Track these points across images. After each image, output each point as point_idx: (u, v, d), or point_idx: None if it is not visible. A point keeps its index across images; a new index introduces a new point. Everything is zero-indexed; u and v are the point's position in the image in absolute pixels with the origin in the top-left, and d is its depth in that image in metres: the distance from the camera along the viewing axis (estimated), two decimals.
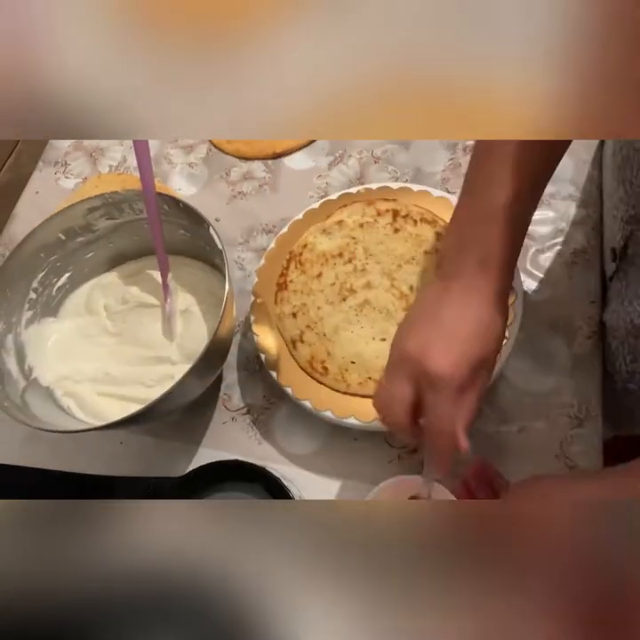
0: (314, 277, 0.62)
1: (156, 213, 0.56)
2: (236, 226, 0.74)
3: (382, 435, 0.61)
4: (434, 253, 0.61)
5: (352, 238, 0.63)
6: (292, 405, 0.63)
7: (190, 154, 0.80)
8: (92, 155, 0.82)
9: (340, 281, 0.62)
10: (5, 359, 0.57)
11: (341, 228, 0.64)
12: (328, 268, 0.63)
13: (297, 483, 0.59)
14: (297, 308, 0.61)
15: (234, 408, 0.64)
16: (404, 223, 0.64)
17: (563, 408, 0.60)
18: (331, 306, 0.61)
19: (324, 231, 0.64)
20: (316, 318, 0.60)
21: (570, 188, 0.70)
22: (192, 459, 0.62)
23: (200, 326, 0.62)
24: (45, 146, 0.84)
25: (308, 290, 0.62)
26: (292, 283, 0.63)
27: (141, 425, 0.63)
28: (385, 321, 0.59)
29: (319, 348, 0.59)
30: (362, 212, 0.65)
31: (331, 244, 0.64)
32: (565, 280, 0.65)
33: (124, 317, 0.64)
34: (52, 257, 0.61)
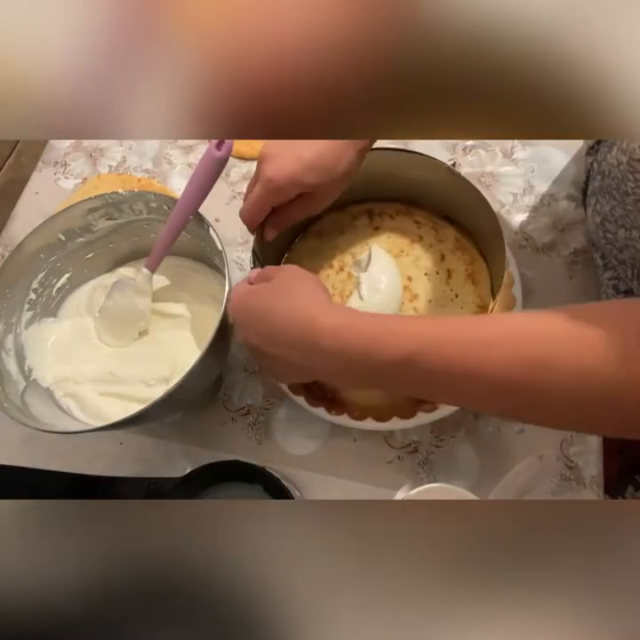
0: None
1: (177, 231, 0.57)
2: (236, 226, 0.73)
3: (382, 435, 0.61)
4: (420, 241, 0.61)
5: (336, 247, 0.63)
6: (291, 406, 0.63)
7: (190, 154, 0.80)
8: (92, 155, 0.82)
9: (339, 290, 0.61)
10: (5, 360, 0.57)
11: (322, 241, 0.63)
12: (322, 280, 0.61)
13: (297, 483, 0.59)
14: None
15: (234, 408, 0.64)
16: (381, 220, 0.63)
17: None
18: None
19: (304, 247, 0.63)
20: None
21: (570, 188, 0.70)
22: (192, 459, 0.62)
23: (200, 327, 0.62)
24: (45, 146, 0.84)
25: None
26: None
27: (141, 425, 0.63)
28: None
29: None
30: (335, 219, 0.64)
31: (316, 259, 0.63)
32: (565, 280, 0.65)
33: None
34: (52, 257, 0.61)
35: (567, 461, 0.58)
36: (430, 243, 0.62)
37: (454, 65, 0.32)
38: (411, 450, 0.60)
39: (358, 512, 0.33)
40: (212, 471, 0.55)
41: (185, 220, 0.56)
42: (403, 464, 0.60)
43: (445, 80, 0.33)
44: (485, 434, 0.60)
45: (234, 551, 0.31)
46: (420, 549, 0.30)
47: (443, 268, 0.60)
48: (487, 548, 0.30)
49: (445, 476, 0.59)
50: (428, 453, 0.60)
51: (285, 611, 0.29)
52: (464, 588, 0.29)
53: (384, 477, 0.59)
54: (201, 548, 0.31)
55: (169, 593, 0.30)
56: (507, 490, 0.54)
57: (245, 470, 0.55)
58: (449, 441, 0.60)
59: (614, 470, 0.88)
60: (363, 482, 0.59)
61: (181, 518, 0.32)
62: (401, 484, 0.59)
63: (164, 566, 0.30)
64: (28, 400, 0.56)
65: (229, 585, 0.30)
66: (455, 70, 0.32)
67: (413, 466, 0.60)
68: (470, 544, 0.31)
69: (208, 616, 0.29)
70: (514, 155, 0.73)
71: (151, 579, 0.30)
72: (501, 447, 0.59)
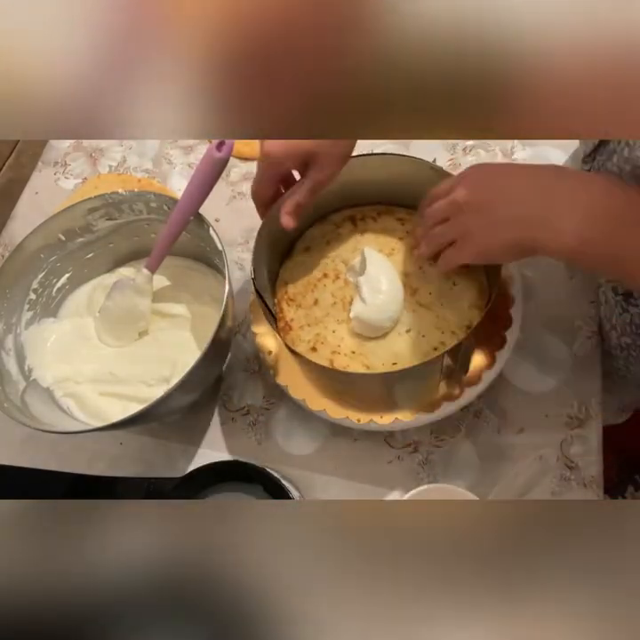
0: (312, 306, 0.60)
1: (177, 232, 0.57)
2: (235, 226, 0.74)
3: (382, 435, 0.61)
4: (407, 237, 0.61)
5: (326, 257, 0.62)
6: (291, 406, 0.63)
7: (190, 154, 0.80)
8: (92, 155, 0.82)
9: (339, 297, 0.60)
10: (5, 360, 0.57)
11: (311, 254, 0.63)
12: (320, 291, 0.60)
13: (297, 483, 0.59)
14: (313, 341, 0.58)
15: (234, 409, 0.64)
16: (365, 224, 0.63)
17: (563, 408, 0.60)
18: (344, 324, 0.59)
19: (295, 264, 0.63)
20: (338, 341, 0.58)
21: None
22: (192, 459, 0.62)
23: (200, 327, 0.62)
24: (45, 146, 0.84)
25: (313, 320, 0.59)
26: (294, 321, 0.60)
27: (141, 425, 0.63)
28: (400, 313, 0.58)
29: (357, 367, 0.56)
30: (320, 231, 0.64)
31: (309, 271, 0.62)
32: (565, 280, 0.65)
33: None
34: (52, 257, 0.61)
35: (567, 461, 0.58)
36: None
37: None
38: (411, 450, 0.60)
39: (358, 512, 0.33)
40: (212, 471, 0.55)
41: (185, 221, 0.56)
42: (403, 464, 0.60)
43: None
44: (485, 434, 0.60)
45: (234, 551, 0.31)
46: (421, 549, 0.30)
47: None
48: (487, 548, 0.30)
49: (445, 476, 0.59)
50: (428, 453, 0.60)
51: (285, 611, 0.29)
52: (464, 588, 0.29)
53: (384, 477, 0.59)
54: (201, 547, 0.31)
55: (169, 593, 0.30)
56: (507, 490, 0.54)
57: (245, 470, 0.55)
58: (449, 441, 0.60)
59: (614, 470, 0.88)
60: (363, 482, 0.59)
61: (181, 518, 0.32)
62: (401, 483, 0.59)
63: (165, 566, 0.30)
64: (28, 400, 0.56)
65: (229, 585, 0.30)
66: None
67: (413, 466, 0.60)
68: (470, 544, 0.31)
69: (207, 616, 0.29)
70: (514, 154, 0.73)
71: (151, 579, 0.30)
72: (501, 447, 0.59)
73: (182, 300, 0.64)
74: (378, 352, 0.57)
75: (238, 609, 0.29)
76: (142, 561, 0.30)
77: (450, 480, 0.58)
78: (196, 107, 0.35)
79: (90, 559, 0.30)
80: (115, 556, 0.30)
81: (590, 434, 0.59)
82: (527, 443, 0.59)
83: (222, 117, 0.35)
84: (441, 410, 0.55)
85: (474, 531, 0.31)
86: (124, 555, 0.30)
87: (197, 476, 0.55)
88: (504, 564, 0.30)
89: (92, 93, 0.34)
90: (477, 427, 0.60)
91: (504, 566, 0.30)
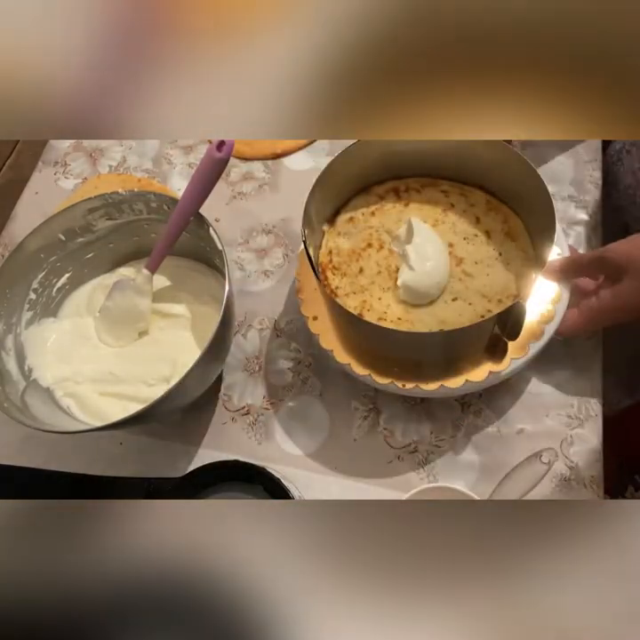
0: (357, 275, 0.61)
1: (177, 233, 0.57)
2: (236, 226, 0.74)
3: (382, 435, 0.61)
4: (451, 208, 0.62)
5: (370, 227, 0.63)
6: (291, 406, 0.63)
7: (190, 154, 0.80)
8: (92, 155, 0.82)
9: (384, 266, 0.60)
10: (5, 360, 0.57)
11: (355, 225, 0.63)
12: (365, 261, 0.61)
13: (297, 483, 0.59)
14: (359, 308, 0.59)
15: (234, 408, 0.65)
16: (408, 196, 0.63)
17: (563, 408, 0.60)
18: (390, 292, 0.59)
19: (339, 234, 0.63)
20: (384, 308, 0.59)
21: (570, 188, 0.70)
22: (192, 459, 0.62)
23: (200, 327, 0.62)
24: (45, 146, 0.84)
25: (359, 288, 0.60)
26: (340, 289, 0.60)
27: (141, 425, 0.63)
28: (447, 281, 0.58)
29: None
30: (364, 202, 0.64)
31: (354, 241, 0.62)
32: None
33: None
34: (52, 257, 0.61)
35: (567, 461, 0.58)
36: (463, 208, 0.62)
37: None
38: (411, 450, 0.60)
39: (358, 512, 0.33)
40: (212, 471, 0.55)
41: (185, 221, 0.56)
42: (403, 464, 0.60)
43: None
44: (485, 434, 0.60)
45: (234, 551, 0.31)
46: (421, 549, 0.31)
47: (480, 230, 0.61)
48: (487, 548, 0.30)
49: (445, 476, 0.59)
50: (428, 453, 0.60)
51: (286, 611, 0.29)
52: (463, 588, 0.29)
53: (384, 477, 0.59)
54: (201, 547, 0.31)
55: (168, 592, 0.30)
56: (507, 490, 0.54)
57: (245, 470, 0.55)
58: (449, 441, 0.60)
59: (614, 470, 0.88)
60: (363, 482, 0.59)
61: (181, 518, 0.32)
62: (401, 483, 0.59)
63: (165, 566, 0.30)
64: (28, 400, 0.56)
65: (229, 585, 0.30)
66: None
67: (413, 466, 0.60)
68: (470, 544, 0.31)
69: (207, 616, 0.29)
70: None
71: (150, 578, 0.30)
72: (501, 447, 0.59)
73: (182, 300, 0.64)
74: (424, 319, 0.57)
75: (238, 609, 0.29)
76: (142, 561, 0.30)
77: (450, 480, 0.58)
78: (198, 106, 0.35)
79: (89, 559, 0.30)
80: (114, 556, 0.30)
81: (590, 434, 0.59)
82: (527, 443, 0.59)
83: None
84: (486, 379, 0.55)
85: (474, 531, 0.31)
86: (123, 555, 0.30)
87: (197, 476, 0.55)
88: (504, 563, 0.30)
89: (92, 93, 0.34)
90: (477, 427, 0.60)
91: (504, 566, 0.30)
